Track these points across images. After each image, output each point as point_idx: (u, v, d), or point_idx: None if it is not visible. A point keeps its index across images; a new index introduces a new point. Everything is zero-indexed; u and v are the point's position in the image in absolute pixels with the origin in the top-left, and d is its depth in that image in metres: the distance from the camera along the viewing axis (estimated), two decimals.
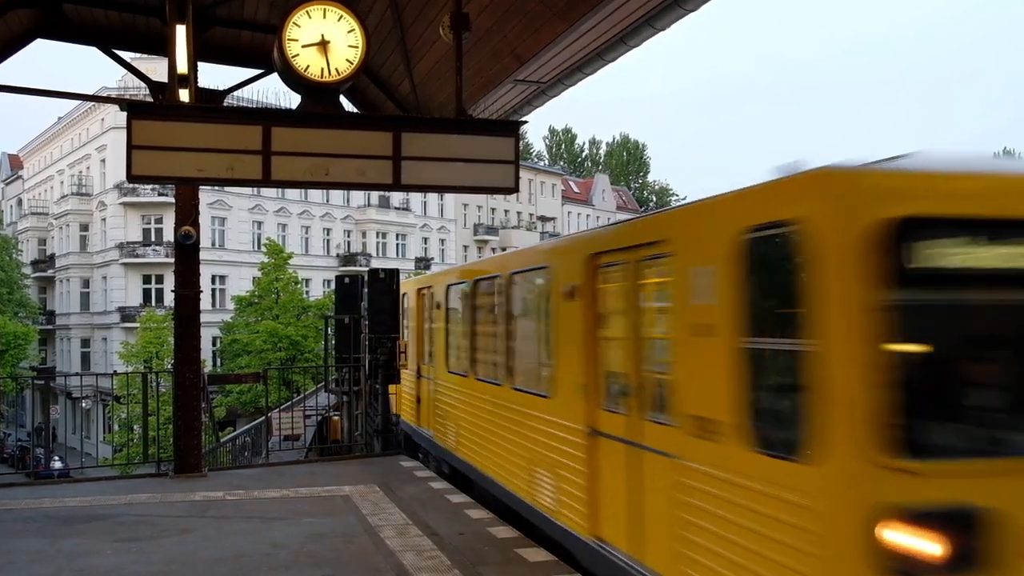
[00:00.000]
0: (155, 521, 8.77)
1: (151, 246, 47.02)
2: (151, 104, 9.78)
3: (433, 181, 7.58)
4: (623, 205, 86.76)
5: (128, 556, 7.48)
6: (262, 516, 8.99)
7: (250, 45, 12.07)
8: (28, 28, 11.10)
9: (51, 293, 56.87)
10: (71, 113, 54.19)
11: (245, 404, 36.27)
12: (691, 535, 5.16)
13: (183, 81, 7.82)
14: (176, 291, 11.59)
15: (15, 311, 49.66)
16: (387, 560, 7.19)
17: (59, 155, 56.85)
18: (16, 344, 45.07)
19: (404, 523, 8.48)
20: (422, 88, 11.06)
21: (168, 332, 34.11)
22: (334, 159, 7.02)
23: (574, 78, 10.25)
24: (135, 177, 6.75)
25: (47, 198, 58.76)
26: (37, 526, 8.64)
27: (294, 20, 7.02)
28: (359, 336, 15.23)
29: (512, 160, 7.46)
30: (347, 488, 10.26)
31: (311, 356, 38.19)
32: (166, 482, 11.11)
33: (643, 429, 5.96)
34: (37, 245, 58.50)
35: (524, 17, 9.29)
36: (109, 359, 45.19)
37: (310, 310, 42.82)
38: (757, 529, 4.53)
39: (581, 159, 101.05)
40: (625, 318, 6.36)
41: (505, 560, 7.21)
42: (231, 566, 7.17)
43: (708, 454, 5.04)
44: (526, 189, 72.46)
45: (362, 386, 14.68)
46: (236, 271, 48.89)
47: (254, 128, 6.82)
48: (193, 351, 11.65)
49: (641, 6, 8.35)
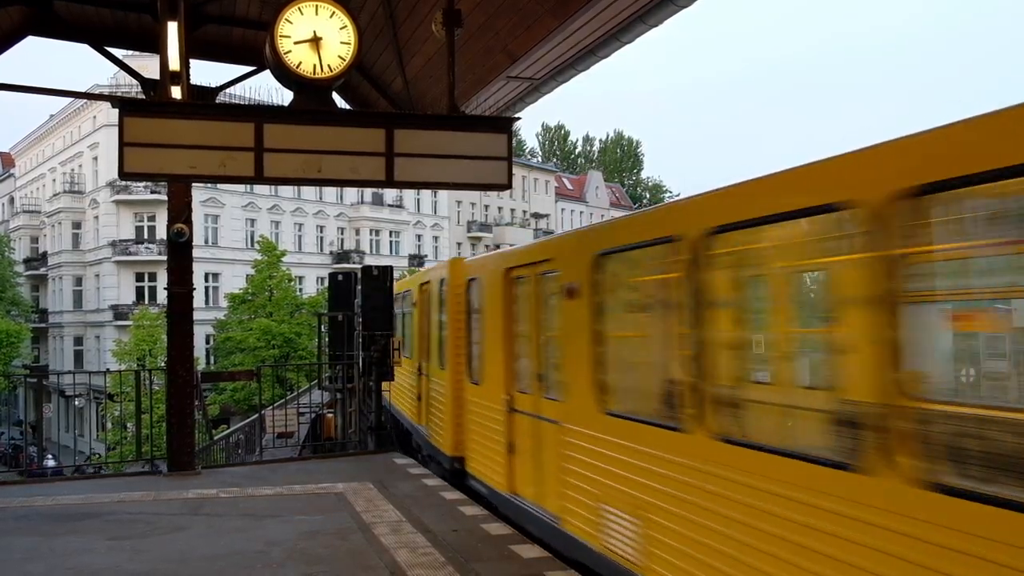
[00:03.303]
0: (148, 519, 8.76)
1: (144, 244, 46.94)
2: (143, 101, 9.75)
3: (426, 178, 7.57)
4: (616, 202, 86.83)
5: (122, 554, 7.47)
6: (256, 514, 8.98)
7: (242, 42, 12.05)
8: (19, 25, 11.05)
9: (44, 291, 56.68)
10: (63, 111, 53.98)
11: (238, 402, 36.24)
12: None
13: (175, 78, 7.81)
14: (169, 289, 11.55)
15: (8, 309, 49.52)
16: (381, 557, 7.19)
17: (51, 153, 56.65)
18: (9, 342, 44.96)
19: (398, 520, 8.49)
20: (415, 85, 11.05)
21: (161, 330, 34.04)
22: (327, 156, 7.01)
23: (567, 74, 10.25)
24: (127, 174, 6.72)
25: (39, 196, 58.54)
26: (30, 524, 8.61)
27: (286, 16, 7.01)
28: (353, 333, 15.23)
29: (505, 157, 7.45)
30: (341, 485, 10.26)
31: (304, 353, 38.17)
32: (159, 480, 11.10)
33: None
34: (29, 243, 58.32)
35: (516, 14, 9.28)
36: (102, 357, 45.13)
37: (303, 307, 42.83)
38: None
39: (574, 156, 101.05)
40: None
41: (499, 556, 7.22)
42: (225, 564, 7.17)
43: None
44: (519, 186, 72.49)
45: (356, 383, 14.67)
46: (229, 269, 48.79)
47: (246, 125, 6.81)
48: (186, 349, 11.62)
49: (633, 2, 8.35)
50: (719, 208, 5.33)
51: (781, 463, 4.48)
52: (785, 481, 4.42)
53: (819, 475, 4.21)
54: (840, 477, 4.06)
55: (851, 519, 3.97)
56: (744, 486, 4.72)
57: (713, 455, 5.02)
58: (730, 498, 4.84)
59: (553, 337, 7.79)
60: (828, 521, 4.11)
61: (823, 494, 4.15)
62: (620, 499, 6.14)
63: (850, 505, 3.98)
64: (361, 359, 14.42)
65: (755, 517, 4.61)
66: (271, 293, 42.17)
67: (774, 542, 4.47)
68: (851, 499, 3.98)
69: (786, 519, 4.39)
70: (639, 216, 8.08)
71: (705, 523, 5.07)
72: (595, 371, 6.69)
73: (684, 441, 5.34)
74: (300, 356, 38.36)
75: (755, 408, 5.24)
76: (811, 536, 4.21)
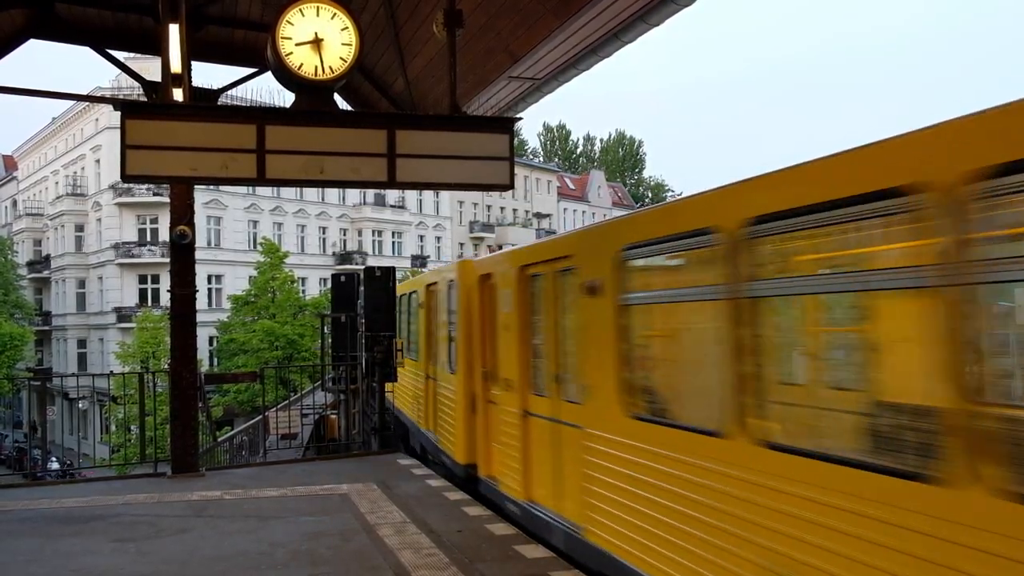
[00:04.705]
0: (153, 521, 8.76)
1: (146, 246, 46.99)
2: (145, 103, 9.73)
3: (427, 178, 7.56)
4: (619, 201, 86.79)
5: (126, 556, 7.47)
6: (259, 515, 8.98)
7: (243, 44, 12.06)
8: (20, 28, 11.07)
9: (47, 294, 56.73)
10: (65, 113, 54.08)
11: (242, 403, 36.31)
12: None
13: (177, 80, 7.81)
14: (172, 291, 11.56)
15: (11, 312, 49.59)
16: (385, 558, 7.19)
17: (53, 156, 56.72)
18: (12, 345, 45.02)
19: (402, 521, 8.48)
20: (416, 85, 11.05)
21: (164, 332, 34.07)
22: (328, 157, 7.01)
23: (568, 74, 10.24)
24: (129, 177, 6.73)
25: (42, 199, 58.61)
26: (34, 526, 8.62)
27: (287, 18, 7.02)
28: (355, 334, 15.23)
29: (506, 157, 7.45)
30: (345, 486, 10.26)
31: (308, 355, 38.20)
32: (163, 482, 11.10)
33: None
34: (32, 246, 58.37)
35: (517, 14, 9.28)
36: (105, 359, 45.14)
37: (306, 309, 42.84)
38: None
39: (576, 156, 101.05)
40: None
41: (503, 557, 7.21)
42: (229, 565, 7.17)
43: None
44: (521, 186, 72.48)
45: (359, 384, 14.67)
46: (232, 270, 48.84)
47: (248, 127, 6.81)
48: (189, 351, 11.62)
49: (634, 2, 8.34)
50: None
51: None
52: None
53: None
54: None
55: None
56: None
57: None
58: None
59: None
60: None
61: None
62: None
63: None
64: (364, 360, 14.43)
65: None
66: (274, 294, 42.22)
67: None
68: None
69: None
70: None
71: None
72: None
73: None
74: (303, 357, 38.39)
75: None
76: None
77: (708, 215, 5.24)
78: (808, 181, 4.55)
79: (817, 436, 4.71)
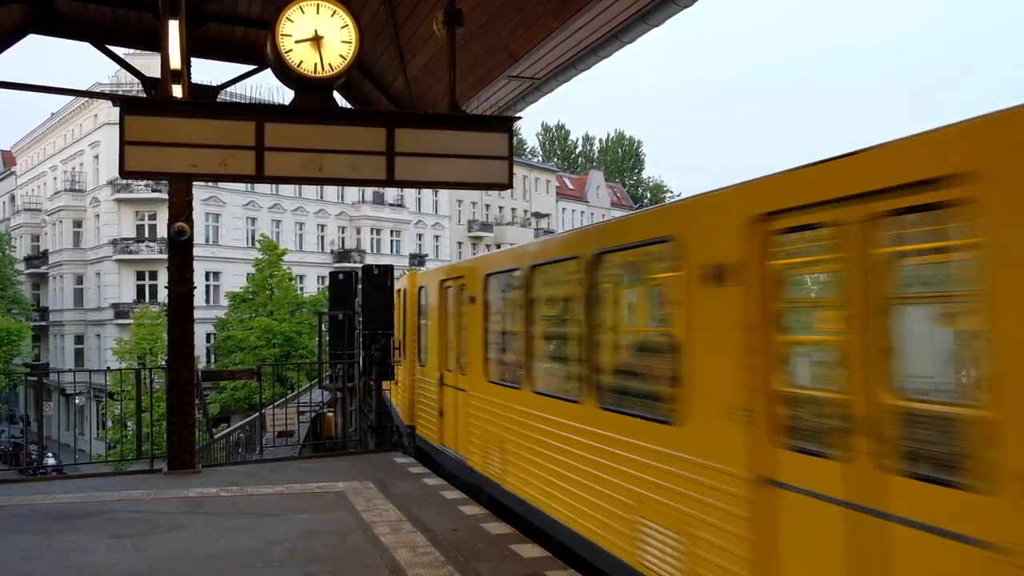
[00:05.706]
0: (149, 518, 8.76)
1: (145, 242, 46.96)
2: (144, 100, 9.75)
3: (426, 177, 7.57)
4: (617, 201, 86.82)
5: (122, 553, 7.47)
6: (256, 512, 8.98)
7: (243, 41, 12.04)
8: (20, 23, 11.04)
9: (44, 290, 56.71)
10: (64, 109, 53.98)
11: (239, 400, 36.24)
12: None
13: (176, 77, 7.79)
14: (170, 287, 11.56)
15: (8, 308, 49.55)
16: (381, 556, 7.20)
17: (52, 151, 56.67)
18: (9, 341, 44.99)
19: (398, 519, 8.49)
20: (416, 84, 11.04)
21: (162, 328, 34.00)
22: (327, 155, 7.00)
23: (568, 74, 10.24)
24: (128, 173, 6.72)
25: (40, 194, 58.57)
26: (30, 523, 8.62)
27: (287, 15, 7.00)
28: (353, 332, 15.23)
29: (505, 156, 7.44)
30: (341, 484, 10.26)
31: (305, 352, 38.17)
32: (160, 479, 11.10)
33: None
34: (30, 241, 58.33)
35: (517, 13, 9.27)
36: (103, 356, 45.14)
37: (304, 306, 42.83)
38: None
39: (575, 156, 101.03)
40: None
41: (499, 556, 7.22)
42: (225, 562, 7.17)
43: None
44: (520, 185, 72.46)
45: (356, 382, 14.68)
46: (230, 267, 48.79)
47: (247, 124, 6.80)
48: (187, 347, 11.62)
49: (634, 2, 8.34)
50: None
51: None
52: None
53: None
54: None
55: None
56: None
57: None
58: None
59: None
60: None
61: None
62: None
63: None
64: (361, 358, 14.43)
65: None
66: (272, 292, 42.20)
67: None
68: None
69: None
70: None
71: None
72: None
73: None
74: (300, 355, 38.36)
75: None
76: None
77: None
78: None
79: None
